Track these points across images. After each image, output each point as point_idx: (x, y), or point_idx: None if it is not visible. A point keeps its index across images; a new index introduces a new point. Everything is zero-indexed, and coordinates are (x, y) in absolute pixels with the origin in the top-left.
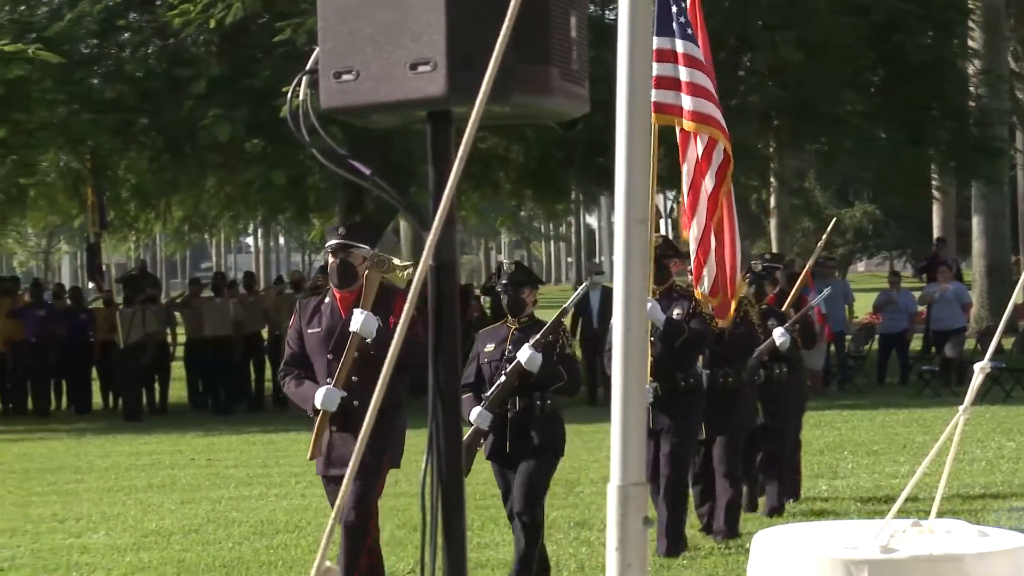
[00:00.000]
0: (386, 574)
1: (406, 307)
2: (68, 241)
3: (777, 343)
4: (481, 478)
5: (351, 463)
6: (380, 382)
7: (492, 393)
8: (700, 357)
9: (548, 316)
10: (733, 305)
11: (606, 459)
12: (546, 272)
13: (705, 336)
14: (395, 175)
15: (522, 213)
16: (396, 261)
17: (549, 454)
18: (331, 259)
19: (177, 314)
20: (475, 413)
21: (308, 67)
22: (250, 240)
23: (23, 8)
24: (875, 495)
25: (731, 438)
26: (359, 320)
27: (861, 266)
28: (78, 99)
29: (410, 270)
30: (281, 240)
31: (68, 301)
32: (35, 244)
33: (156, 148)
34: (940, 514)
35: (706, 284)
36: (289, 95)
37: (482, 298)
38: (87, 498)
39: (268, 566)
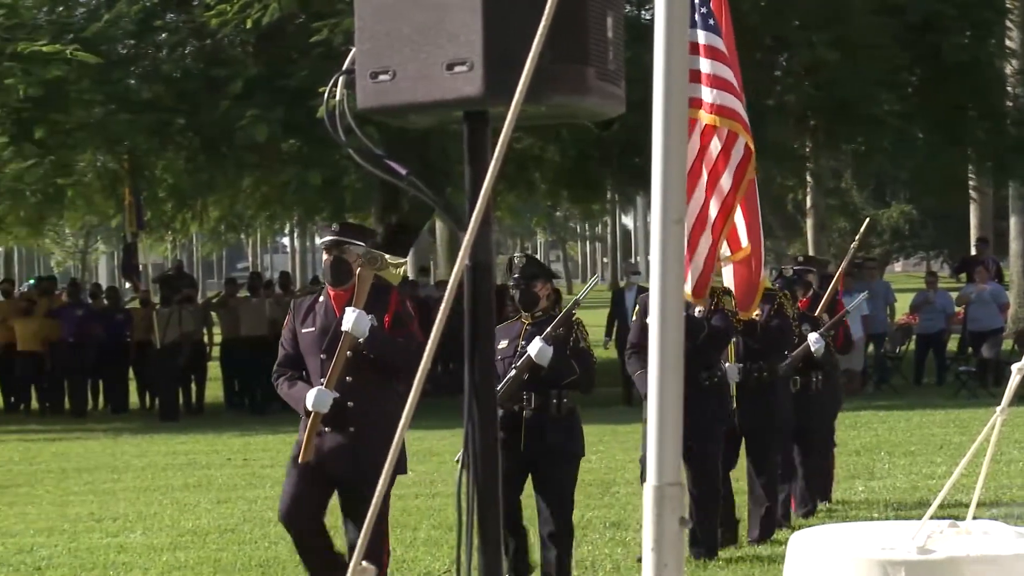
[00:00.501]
0: (422, 572)
1: (442, 307)
2: (105, 241)
3: (812, 349)
4: None
5: (384, 472)
6: (416, 385)
7: (502, 388)
8: (732, 352)
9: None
10: (757, 299)
11: (642, 460)
12: (581, 272)
13: (728, 332)
14: (431, 175)
15: (558, 213)
16: (389, 259)
17: (569, 462)
18: (325, 256)
19: (213, 314)
20: None
21: (345, 67)
22: (286, 240)
23: (61, 9)
24: (911, 496)
25: (767, 439)
26: (351, 319)
27: (898, 266)
28: (115, 99)
29: (404, 268)
30: (317, 240)
31: (105, 301)
32: (72, 244)
33: (193, 148)
34: (977, 515)
35: (688, 285)
36: (326, 95)
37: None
38: (124, 497)
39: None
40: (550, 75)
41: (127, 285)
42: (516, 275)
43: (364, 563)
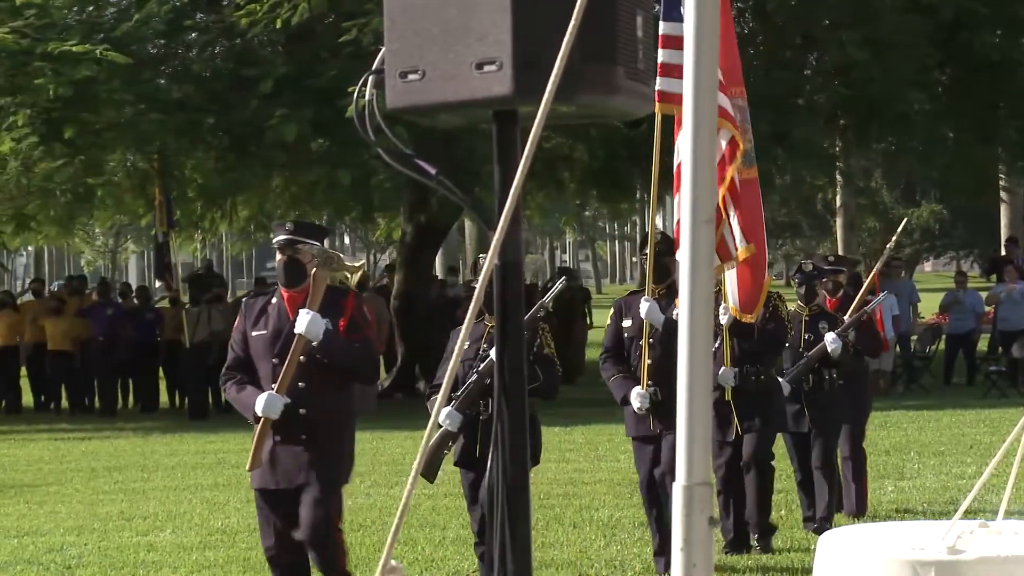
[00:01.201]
0: (451, 572)
1: (471, 307)
2: (135, 240)
3: (828, 349)
4: (546, 477)
5: (412, 473)
6: (444, 386)
7: (462, 393)
8: (728, 356)
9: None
10: (761, 300)
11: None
12: (611, 272)
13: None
14: (459, 175)
15: (587, 213)
16: (345, 260)
17: None
18: (278, 256)
19: None
20: (444, 414)
21: (374, 67)
22: None
23: (91, 9)
24: (941, 496)
25: (760, 441)
26: (304, 321)
27: (928, 266)
28: (145, 99)
29: (361, 271)
30: (347, 240)
31: (135, 300)
32: (102, 243)
33: (222, 148)
34: (1007, 515)
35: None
36: (355, 95)
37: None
38: (153, 496)
39: None
40: (579, 75)
41: (157, 284)
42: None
43: (394, 562)
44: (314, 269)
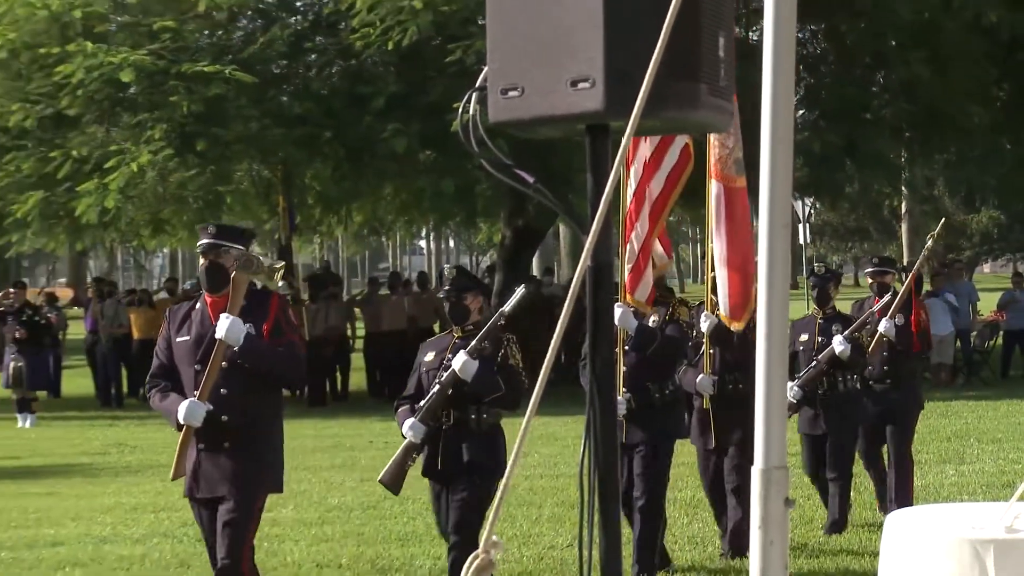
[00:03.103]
0: (546, 547)
1: (566, 306)
2: (260, 243)
3: (836, 351)
4: None
5: (512, 457)
6: (541, 380)
7: (425, 403)
8: (707, 363)
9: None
10: (750, 308)
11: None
12: (692, 272)
13: (681, 344)
14: (554, 183)
15: (671, 218)
16: (266, 262)
17: (481, 474)
18: (201, 261)
19: (357, 310)
20: (407, 425)
21: (477, 84)
22: (423, 242)
23: (220, 33)
24: (999, 480)
25: (742, 450)
26: (224, 326)
27: (987, 268)
28: (269, 115)
29: (281, 272)
30: (451, 242)
31: None
32: None
33: (339, 159)
34: None
35: (643, 293)
36: (460, 110)
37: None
38: None
39: (438, 539)
40: (665, 91)
41: (280, 283)
42: (447, 287)
43: (495, 537)
44: (234, 273)
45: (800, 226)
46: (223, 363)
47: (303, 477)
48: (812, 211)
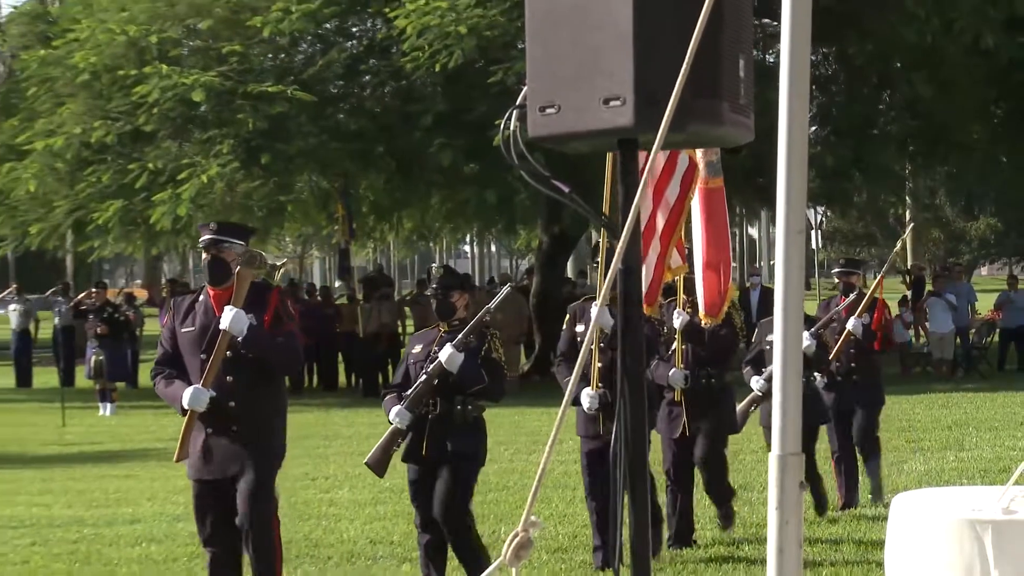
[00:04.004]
0: (580, 525)
1: (596, 304)
2: (318, 248)
3: (802, 347)
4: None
5: (549, 442)
6: (576, 371)
7: (412, 392)
8: (679, 358)
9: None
10: (725, 304)
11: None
12: None
13: (651, 342)
14: (588, 193)
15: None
16: (269, 259)
17: (463, 461)
18: (204, 256)
19: (407, 309)
20: (394, 412)
21: (518, 103)
22: (467, 247)
23: (283, 56)
24: (996, 465)
25: (712, 441)
26: (229, 317)
27: (984, 270)
28: (327, 131)
29: (282, 269)
30: (493, 247)
31: (319, 298)
32: (291, 250)
33: (390, 171)
34: None
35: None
36: (501, 127)
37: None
38: (333, 460)
39: (482, 518)
40: (690, 108)
41: (336, 284)
42: (434, 285)
43: (533, 517)
44: (238, 267)
45: (813, 232)
46: (228, 353)
47: (358, 461)
48: (824, 218)
